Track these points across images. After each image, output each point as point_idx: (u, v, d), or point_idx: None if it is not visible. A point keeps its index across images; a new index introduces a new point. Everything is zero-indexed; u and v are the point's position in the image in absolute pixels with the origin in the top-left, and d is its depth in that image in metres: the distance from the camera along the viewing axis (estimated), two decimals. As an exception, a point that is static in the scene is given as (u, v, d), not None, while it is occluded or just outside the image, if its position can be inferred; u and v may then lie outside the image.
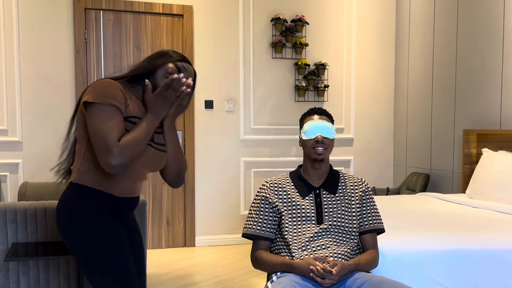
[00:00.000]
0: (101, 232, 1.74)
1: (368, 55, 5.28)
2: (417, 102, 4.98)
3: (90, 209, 1.75)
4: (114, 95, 1.69)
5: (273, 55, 4.95)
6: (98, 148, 1.64)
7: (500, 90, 3.81)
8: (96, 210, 1.75)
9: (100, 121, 1.65)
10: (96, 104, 1.66)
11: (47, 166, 4.36)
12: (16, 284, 2.58)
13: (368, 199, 2.16)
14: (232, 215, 4.90)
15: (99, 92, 1.68)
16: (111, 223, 1.77)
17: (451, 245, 2.34)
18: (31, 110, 4.35)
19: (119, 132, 1.65)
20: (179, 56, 1.87)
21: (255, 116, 4.95)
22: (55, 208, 1.83)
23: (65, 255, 2.47)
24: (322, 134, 2.10)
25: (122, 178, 1.77)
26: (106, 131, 1.63)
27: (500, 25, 3.79)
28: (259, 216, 2.11)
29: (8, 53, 4.28)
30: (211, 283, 3.63)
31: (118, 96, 1.70)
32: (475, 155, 3.99)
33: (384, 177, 5.41)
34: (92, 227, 1.74)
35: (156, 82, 1.80)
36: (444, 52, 4.52)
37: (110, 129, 1.63)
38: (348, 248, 2.04)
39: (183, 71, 1.83)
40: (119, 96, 1.70)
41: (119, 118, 1.68)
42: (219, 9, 4.80)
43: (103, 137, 1.63)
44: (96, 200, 1.76)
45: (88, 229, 1.74)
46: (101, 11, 4.51)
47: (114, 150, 1.62)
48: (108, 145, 1.62)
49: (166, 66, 1.82)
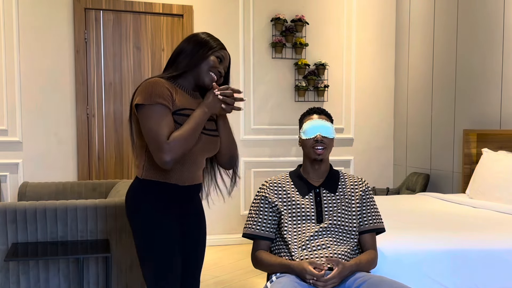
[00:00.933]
0: (150, 225, 1.87)
1: (368, 55, 5.28)
2: (417, 102, 4.98)
3: (148, 202, 1.87)
4: (161, 94, 1.80)
5: (273, 55, 4.95)
6: (151, 146, 1.77)
7: (500, 90, 3.81)
8: (153, 203, 1.86)
9: (150, 121, 1.76)
10: (145, 105, 1.78)
11: (47, 166, 4.41)
12: (16, 284, 2.58)
13: (368, 199, 2.16)
14: (232, 215, 4.90)
15: (146, 93, 1.79)
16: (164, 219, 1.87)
17: (451, 245, 2.34)
18: (31, 110, 4.35)
19: (168, 129, 1.76)
20: (217, 43, 1.95)
21: (255, 116, 4.95)
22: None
23: (65, 255, 2.47)
24: (321, 134, 2.10)
25: (182, 167, 1.87)
26: (157, 129, 1.74)
27: (500, 25, 3.79)
28: (258, 216, 2.11)
29: (8, 53, 4.28)
30: (211, 283, 3.63)
31: (165, 93, 1.80)
32: (475, 155, 3.99)
33: (384, 177, 5.41)
34: (144, 220, 1.86)
35: (201, 76, 1.91)
36: (444, 52, 4.52)
37: (159, 127, 1.75)
38: (348, 248, 2.04)
39: (223, 61, 1.95)
40: (166, 94, 1.80)
41: (168, 116, 1.78)
42: (219, 9, 4.80)
43: (154, 136, 1.74)
44: (156, 194, 1.87)
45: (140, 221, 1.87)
46: (101, 11, 4.51)
47: (165, 147, 1.73)
48: (159, 143, 1.73)
49: (209, 60, 1.90)
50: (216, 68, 1.93)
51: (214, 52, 1.92)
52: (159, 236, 1.87)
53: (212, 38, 1.96)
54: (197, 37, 1.95)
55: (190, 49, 1.92)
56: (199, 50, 1.91)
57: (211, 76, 1.91)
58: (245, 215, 4.86)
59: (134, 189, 1.92)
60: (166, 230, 1.88)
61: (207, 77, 1.91)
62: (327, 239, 2.03)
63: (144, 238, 1.88)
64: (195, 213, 2.04)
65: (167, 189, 1.87)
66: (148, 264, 1.88)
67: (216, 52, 1.93)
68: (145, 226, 1.87)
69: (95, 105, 4.49)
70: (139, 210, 1.88)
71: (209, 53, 1.91)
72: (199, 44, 1.92)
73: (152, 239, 1.86)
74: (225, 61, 1.97)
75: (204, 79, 1.91)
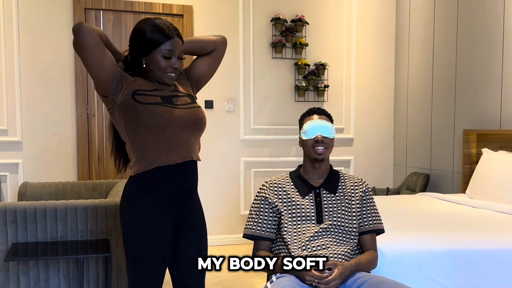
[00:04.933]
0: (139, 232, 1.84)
1: (368, 55, 5.27)
2: (417, 102, 4.98)
3: (140, 201, 1.85)
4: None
5: (273, 55, 4.95)
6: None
7: (500, 90, 3.81)
8: (144, 202, 1.84)
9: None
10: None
11: (47, 166, 4.40)
12: (16, 284, 2.58)
13: (368, 200, 2.16)
14: (232, 215, 4.90)
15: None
16: (155, 220, 1.85)
17: (451, 245, 2.34)
18: (31, 110, 4.35)
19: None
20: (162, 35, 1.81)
21: (255, 116, 4.95)
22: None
23: (65, 255, 2.47)
24: (321, 134, 2.10)
25: (168, 150, 1.83)
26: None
27: (500, 25, 3.79)
28: (259, 216, 2.11)
29: (8, 53, 4.27)
30: (211, 283, 3.63)
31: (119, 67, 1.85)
32: (475, 155, 3.99)
33: (384, 177, 5.41)
34: (134, 220, 1.84)
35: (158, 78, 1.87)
36: (444, 52, 4.52)
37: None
38: (348, 248, 2.04)
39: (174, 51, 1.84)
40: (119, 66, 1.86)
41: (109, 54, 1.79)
42: (219, 9, 4.80)
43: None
44: (148, 191, 1.84)
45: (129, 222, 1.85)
46: (101, 11, 4.51)
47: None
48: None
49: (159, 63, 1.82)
50: (169, 66, 1.83)
51: (161, 48, 1.81)
52: (146, 244, 1.84)
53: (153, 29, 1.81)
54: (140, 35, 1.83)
55: (138, 51, 1.84)
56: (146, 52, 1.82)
57: (169, 76, 1.85)
58: (245, 215, 4.86)
59: (126, 189, 1.89)
60: (155, 238, 1.84)
61: (166, 78, 1.85)
62: (327, 240, 2.03)
63: (129, 242, 1.85)
64: (193, 213, 2.00)
65: (160, 177, 1.83)
66: (130, 271, 1.87)
67: (163, 48, 1.81)
68: (135, 231, 1.84)
69: (95, 105, 4.49)
70: (129, 212, 1.85)
71: (157, 55, 1.81)
72: (142, 45, 1.82)
73: (136, 245, 1.84)
74: (177, 50, 1.84)
75: (164, 81, 1.86)
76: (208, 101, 4.76)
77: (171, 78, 1.86)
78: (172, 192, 1.87)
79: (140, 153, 1.82)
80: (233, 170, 4.91)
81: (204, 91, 4.86)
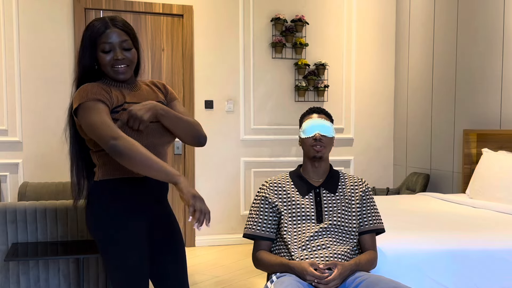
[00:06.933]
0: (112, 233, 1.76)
1: (368, 55, 5.27)
2: (417, 102, 4.98)
3: (108, 207, 1.77)
4: (97, 92, 1.71)
5: (273, 55, 4.95)
6: (101, 135, 1.63)
7: (500, 90, 3.81)
8: (112, 208, 1.77)
9: (91, 114, 1.66)
10: (82, 104, 1.69)
11: (47, 166, 4.40)
12: (16, 284, 2.58)
13: (368, 199, 2.16)
14: (232, 215, 4.90)
15: (82, 96, 1.71)
16: (127, 223, 1.77)
17: (451, 245, 2.34)
18: (31, 110, 4.35)
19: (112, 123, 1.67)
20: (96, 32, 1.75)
21: (255, 116, 4.95)
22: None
23: (65, 255, 2.47)
24: (320, 132, 2.10)
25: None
26: (101, 120, 1.64)
27: (500, 25, 3.79)
28: (259, 216, 2.11)
29: (8, 53, 4.28)
30: (211, 283, 3.63)
31: (101, 92, 1.72)
32: (475, 155, 3.99)
33: (384, 177, 5.41)
34: (106, 226, 1.77)
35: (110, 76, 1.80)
36: (444, 52, 4.52)
37: (103, 118, 1.65)
38: (348, 248, 2.04)
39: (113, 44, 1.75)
40: (102, 92, 1.73)
41: (109, 114, 1.69)
42: (219, 9, 4.80)
43: (100, 126, 1.64)
44: (115, 195, 1.77)
45: (102, 229, 1.77)
46: (101, 11, 4.51)
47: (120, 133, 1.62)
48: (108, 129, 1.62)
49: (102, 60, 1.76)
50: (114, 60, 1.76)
51: (99, 45, 1.75)
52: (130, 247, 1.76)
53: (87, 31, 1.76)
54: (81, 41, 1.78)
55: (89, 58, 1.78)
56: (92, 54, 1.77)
57: (117, 70, 1.77)
58: (245, 215, 4.86)
59: (91, 196, 1.80)
60: (136, 240, 1.77)
61: (115, 73, 1.77)
62: (327, 239, 2.03)
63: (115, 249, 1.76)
64: (164, 214, 1.93)
65: (126, 185, 1.77)
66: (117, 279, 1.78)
67: (100, 44, 1.75)
68: (121, 237, 1.75)
69: (95, 105, 4.48)
70: (105, 219, 1.77)
71: (99, 53, 1.75)
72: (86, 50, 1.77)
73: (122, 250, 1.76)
74: (115, 41, 1.75)
75: (116, 78, 1.79)
76: (208, 101, 4.76)
77: (120, 72, 1.77)
78: (140, 199, 1.82)
79: (107, 159, 1.75)
80: (233, 170, 4.91)
81: (204, 91, 4.89)
